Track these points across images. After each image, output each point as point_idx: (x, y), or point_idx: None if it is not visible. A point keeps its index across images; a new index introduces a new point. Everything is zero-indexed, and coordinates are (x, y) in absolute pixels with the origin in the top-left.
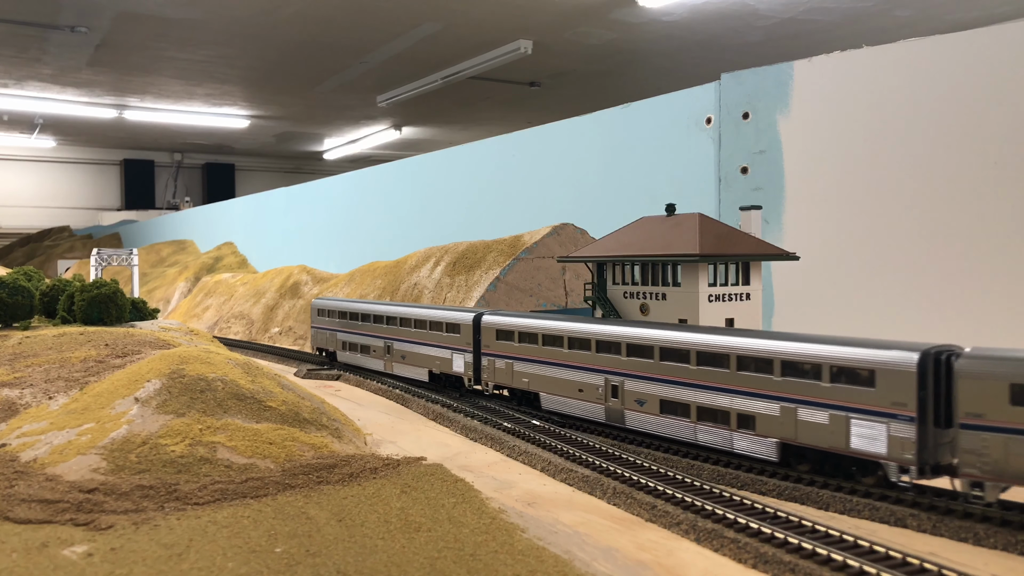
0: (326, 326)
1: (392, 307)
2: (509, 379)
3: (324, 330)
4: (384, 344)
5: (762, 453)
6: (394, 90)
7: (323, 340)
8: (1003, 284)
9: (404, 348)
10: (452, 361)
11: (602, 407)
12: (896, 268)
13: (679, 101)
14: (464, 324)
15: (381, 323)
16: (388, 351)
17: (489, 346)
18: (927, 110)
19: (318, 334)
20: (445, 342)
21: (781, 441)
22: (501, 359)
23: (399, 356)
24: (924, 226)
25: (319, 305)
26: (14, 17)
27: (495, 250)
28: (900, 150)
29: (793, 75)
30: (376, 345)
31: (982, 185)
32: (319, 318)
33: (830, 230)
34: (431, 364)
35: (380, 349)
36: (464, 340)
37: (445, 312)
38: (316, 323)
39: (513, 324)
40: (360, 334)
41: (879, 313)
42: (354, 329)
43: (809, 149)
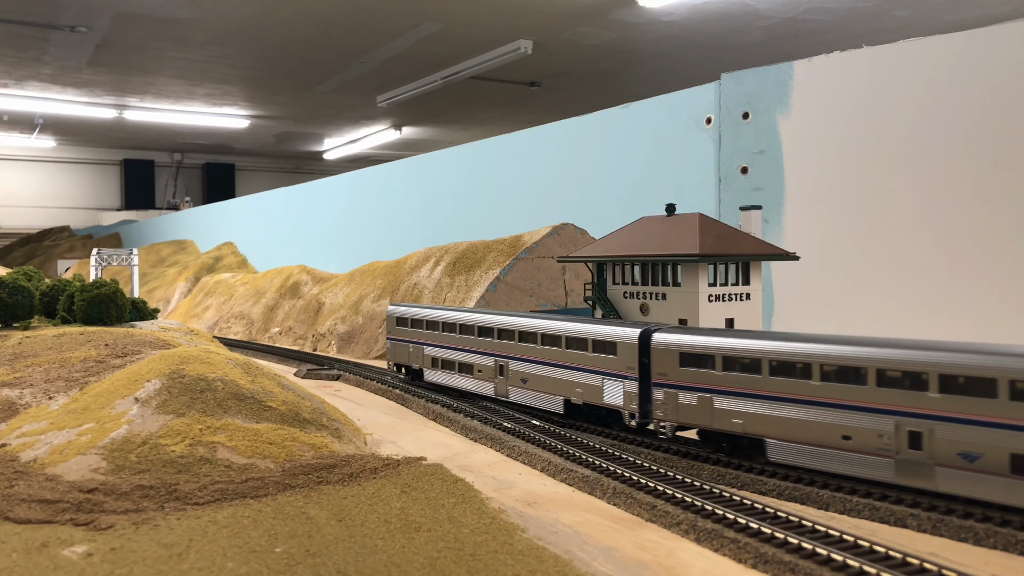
0: (408, 338)
1: (509, 317)
2: (706, 418)
3: (405, 343)
4: (495, 363)
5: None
6: (394, 90)
7: (404, 355)
8: (1003, 283)
9: (526, 369)
10: (603, 389)
11: (890, 461)
12: (896, 268)
13: (679, 101)
14: (624, 343)
15: (490, 336)
16: (501, 372)
17: (667, 374)
18: (927, 110)
19: (397, 348)
20: (592, 364)
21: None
22: (689, 391)
23: (517, 379)
24: (924, 226)
25: (398, 313)
26: (14, 17)
27: (495, 250)
28: (900, 150)
29: (793, 75)
30: (483, 364)
31: (982, 185)
32: (398, 328)
33: (830, 230)
34: (568, 391)
35: (489, 369)
36: (623, 363)
37: (592, 327)
38: (394, 334)
39: (711, 346)
40: (459, 349)
41: (879, 313)
42: (450, 343)
43: (809, 149)
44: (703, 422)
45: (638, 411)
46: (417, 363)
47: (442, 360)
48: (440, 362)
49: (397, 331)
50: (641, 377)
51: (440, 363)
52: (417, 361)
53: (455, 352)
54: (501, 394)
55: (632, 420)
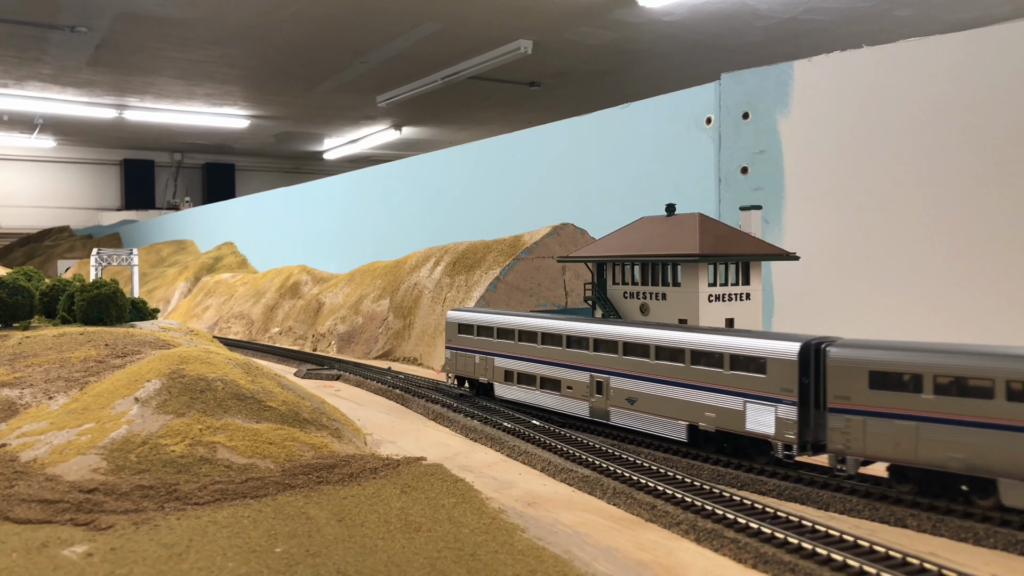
0: (474, 348)
1: (610, 326)
2: (908, 450)
3: (470, 353)
4: (591, 379)
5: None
6: (394, 90)
7: (468, 367)
8: (1003, 283)
9: (634, 388)
10: (745, 415)
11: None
12: (896, 268)
13: (679, 101)
14: (778, 359)
15: (584, 347)
16: (599, 390)
17: (850, 397)
18: (927, 110)
19: (459, 359)
20: (729, 384)
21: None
22: (884, 419)
23: (621, 399)
24: (924, 226)
25: (461, 319)
26: (14, 17)
27: (495, 250)
28: (900, 150)
29: (793, 75)
30: (574, 380)
31: (982, 185)
32: (461, 337)
33: (830, 230)
34: (693, 415)
35: (582, 386)
36: (775, 383)
37: (730, 339)
38: (455, 343)
39: (917, 364)
40: (541, 362)
41: (879, 313)
42: (529, 354)
43: (809, 149)
44: (903, 456)
45: (796, 441)
46: (485, 376)
47: (518, 374)
48: (516, 376)
49: (459, 339)
50: (802, 401)
51: (516, 377)
52: (485, 374)
53: (536, 365)
54: (599, 415)
55: (787, 452)
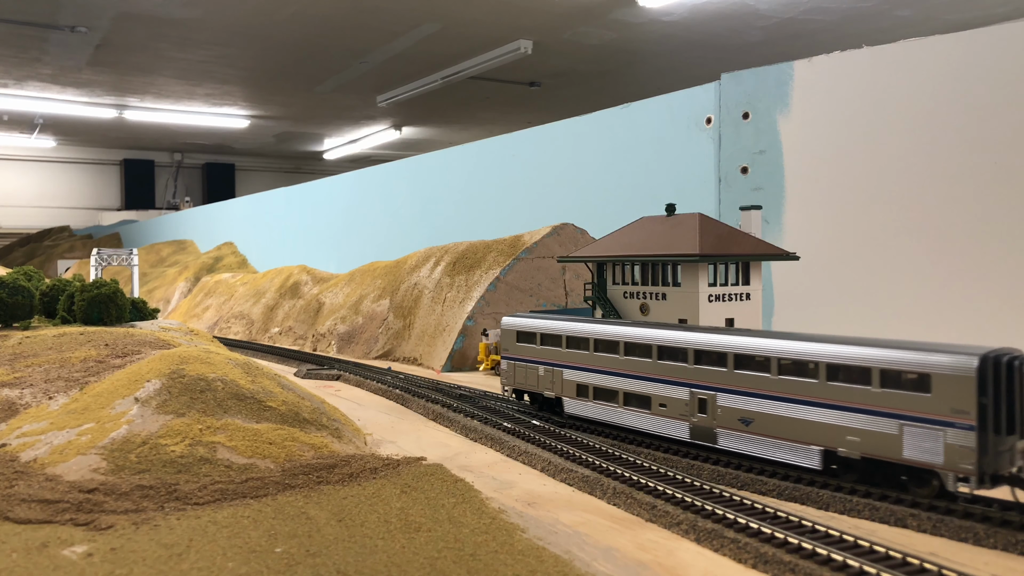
0: (537, 358)
1: (715, 336)
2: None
3: (532, 364)
4: (691, 396)
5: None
6: (394, 90)
7: (530, 380)
8: (1003, 283)
9: (749, 407)
10: (902, 440)
11: None
12: (896, 268)
13: (679, 101)
14: (947, 375)
15: (681, 359)
16: (702, 408)
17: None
18: (927, 110)
19: (519, 370)
20: (879, 403)
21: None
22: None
23: (732, 419)
24: (924, 226)
25: (520, 326)
26: (14, 17)
27: (495, 250)
28: (900, 150)
29: (793, 75)
30: (668, 396)
31: (982, 185)
32: (521, 346)
33: (830, 230)
34: (831, 439)
35: (680, 403)
36: (944, 403)
37: (876, 351)
38: (514, 352)
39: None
40: (625, 375)
41: (879, 313)
42: (609, 366)
43: (809, 149)
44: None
45: (975, 472)
46: (552, 390)
47: (595, 388)
48: (591, 391)
49: (519, 349)
50: (980, 424)
51: (591, 392)
52: (552, 388)
53: (617, 379)
54: (703, 437)
55: (962, 483)
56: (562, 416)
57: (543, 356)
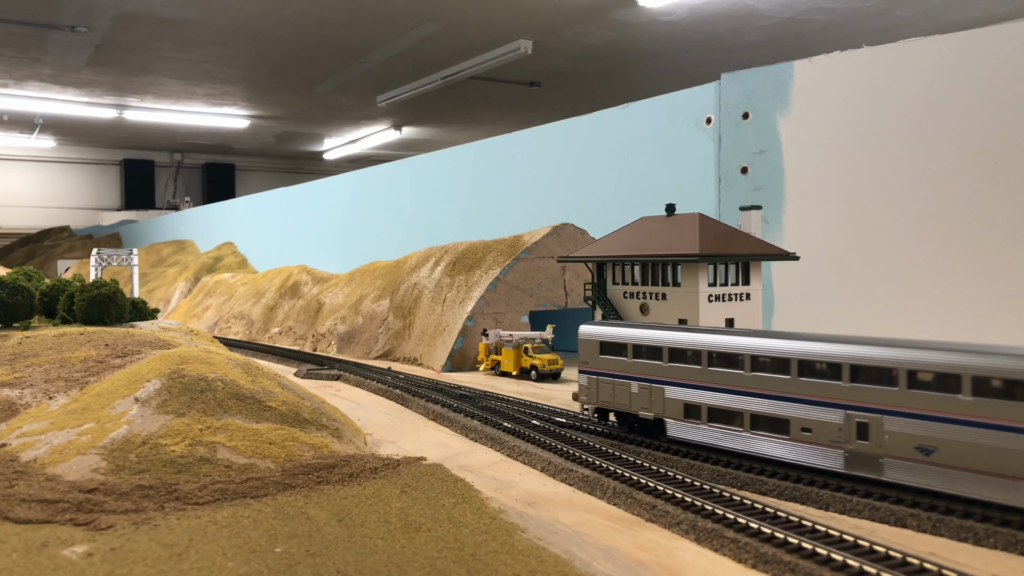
0: (628, 373)
1: (876, 349)
2: None
3: (622, 380)
4: (846, 419)
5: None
6: (394, 90)
7: (619, 398)
8: (1003, 283)
9: (931, 433)
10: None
11: None
12: (896, 268)
13: (679, 101)
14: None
15: (832, 376)
16: (863, 434)
17: None
18: (927, 110)
19: (603, 387)
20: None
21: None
22: None
23: (906, 447)
24: (924, 225)
25: (604, 336)
26: (14, 17)
27: (495, 250)
28: (900, 150)
29: (793, 75)
30: (816, 419)
31: (982, 185)
32: (606, 359)
33: (830, 230)
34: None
35: (831, 428)
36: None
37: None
38: (596, 366)
39: None
40: (753, 395)
41: (879, 313)
42: (730, 384)
43: (809, 149)
44: None
45: None
46: (650, 410)
47: (710, 409)
48: (705, 411)
49: (602, 362)
50: None
51: (705, 413)
52: (650, 407)
53: (740, 398)
54: (863, 468)
55: None
56: (661, 440)
57: (638, 370)
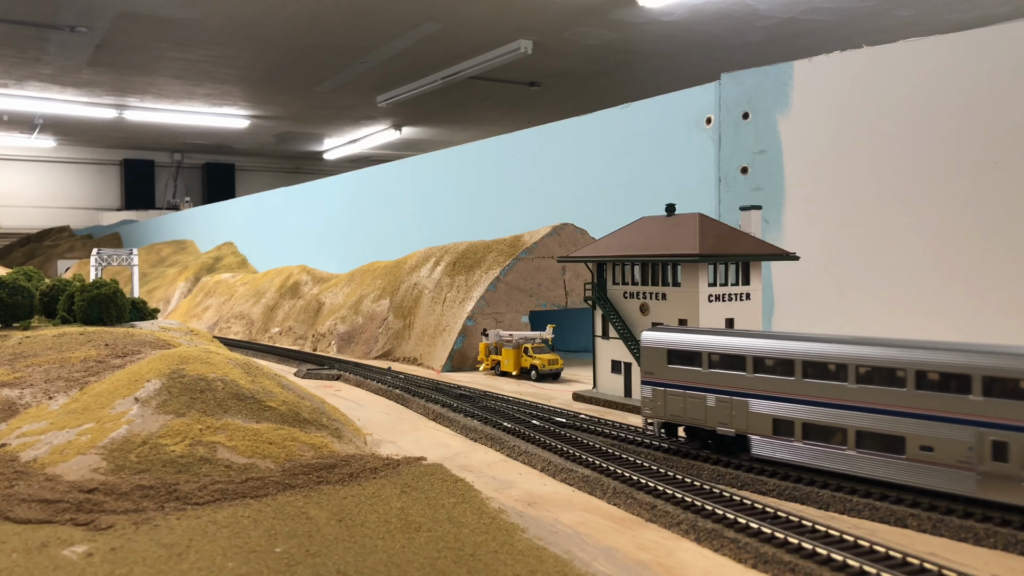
0: (703, 384)
1: (1016, 360)
2: None
3: (695, 393)
4: (980, 438)
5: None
6: (394, 90)
7: (692, 411)
8: (1003, 283)
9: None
10: None
11: None
12: (896, 268)
13: (679, 101)
14: None
15: (956, 389)
16: (1001, 454)
17: None
18: (927, 110)
19: (672, 400)
20: None
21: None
22: None
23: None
24: (924, 226)
25: (672, 343)
26: (14, 17)
27: (495, 250)
28: (900, 150)
29: (793, 75)
30: (939, 437)
31: (982, 185)
32: (674, 368)
33: (830, 230)
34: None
35: (959, 447)
36: None
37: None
38: (663, 376)
39: None
40: (856, 408)
41: (879, 313)
42: (826, 396)
43: (809, 149)
44: None
45: None
46: (728, 425)
47: (804, 424)
48: (799, 427)
49: (671, 372)
50: None
51: (799, 429)
52: (729, 422)
53: (843, 412)
54: (1001, 493)
55: None
56: (742, 458)
57: (714, 382)
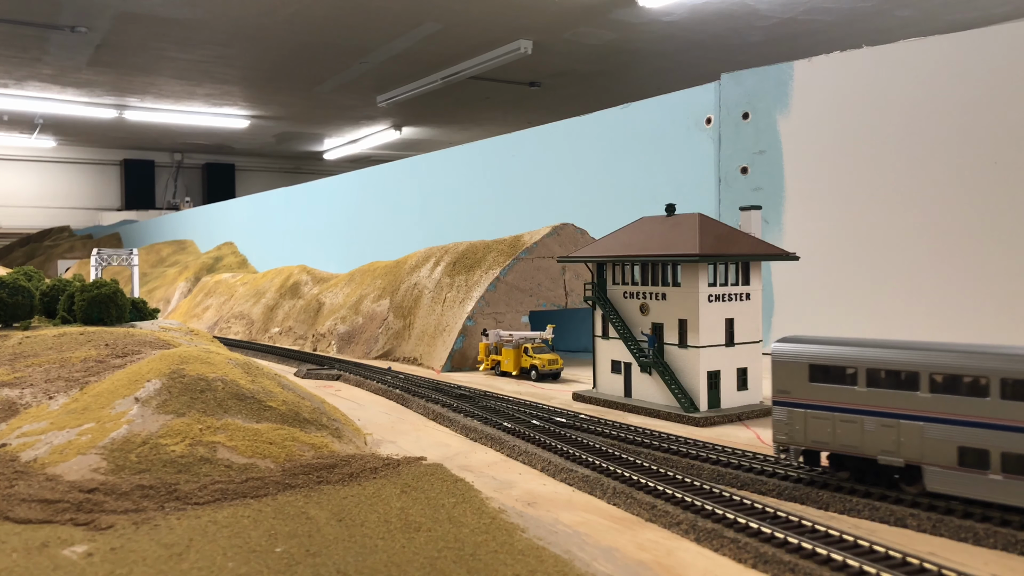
0: (860, 405)
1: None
2: None
3: (848, 414)
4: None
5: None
6: (394, 90)
7: (843, 436)
8: (1002, 283)
9: None
10: None
11: None
12: (895, 268)
13: (679, 101)
14: None
15: None
16: None
17: None
18: (927, 110)
19: (816, 422)
20: None
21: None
22: None
23: None
24: (924, 225)
25: (817, 356)
26: (14, 17)
27: (495, 250)
28: (900, 150)
29: (793, 75)
30: None
31: (982, 185)
32: (820, 386)
33: (830, 230)
34: None
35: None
36: None
37: None
38: (802, 395)
39: None
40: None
41: (878, 313)
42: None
43: (809, 149)
44: None
45: None
46: (897, 454)
47: (1005, 456)
48: (997, 459)
49: (814, 390)
50: None
51: (996, 461)
52: (897, 450)
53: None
54: None
55: None
56: (909, 492)
57: (876, 402)
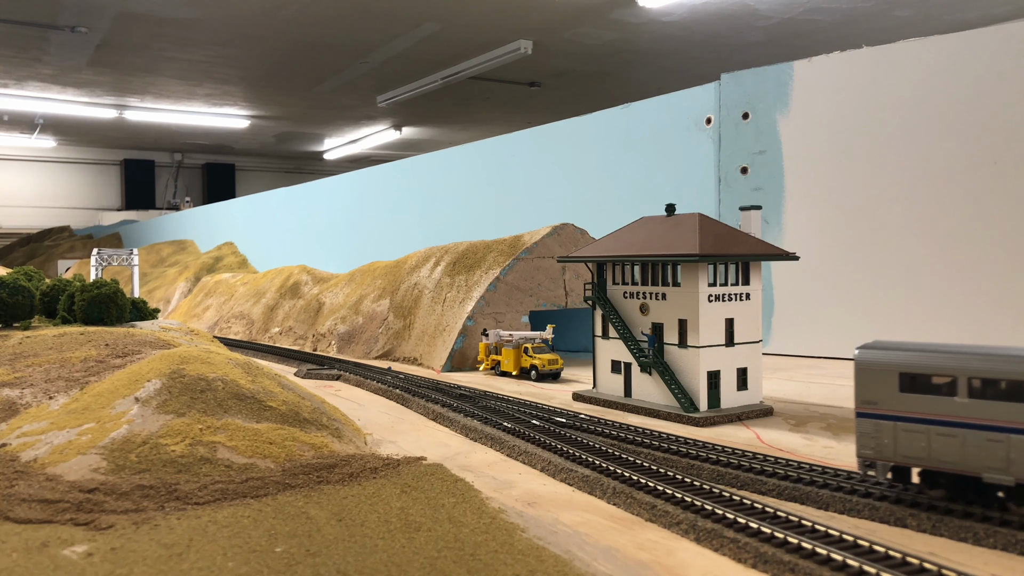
0: (961, 417)
1: None
2: None
3: (947, 427)
4: None
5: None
6: (394, 90)
7: (940, 451)
8: (1002, 283)
9: None
10: None
11: None
12: (895, 267)
13: (679, 101)
14: None
15: None
16: None
17: None
18: (927, 110)
19: (908, 436)
20: None
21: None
22: None
23: None
24: (924, 226)
25: (906, 364)
26: (14, 17)
27: (495, 250)
28: (900, 150)
29: (793, 75)
30: None
31: (981, 185)
32: (913, 396)
33: (830, 230)
34: None
35: None
36: None
37: None
38: (892, 406)
39: None
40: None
41: (878, 313)
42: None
43: (809, 149)
44: None
45: None
46: (1007, 472)
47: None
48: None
49: (906, 401)
50: None
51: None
52: (1007, 468)
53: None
54: None
55: None
56: (1016, 513)
57: (980, 414)
